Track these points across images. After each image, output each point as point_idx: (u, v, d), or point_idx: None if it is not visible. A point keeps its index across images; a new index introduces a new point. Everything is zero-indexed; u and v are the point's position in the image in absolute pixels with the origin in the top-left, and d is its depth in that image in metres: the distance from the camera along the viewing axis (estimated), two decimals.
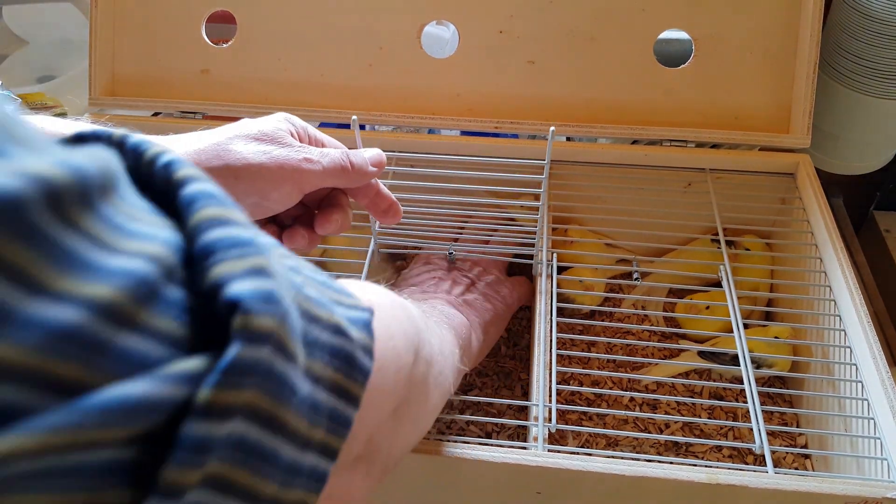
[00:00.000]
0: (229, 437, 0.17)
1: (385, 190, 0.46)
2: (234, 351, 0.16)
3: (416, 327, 0.32)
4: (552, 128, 0.48)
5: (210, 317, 0.17)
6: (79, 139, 0.20)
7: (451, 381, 0.40)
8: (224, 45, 0.69)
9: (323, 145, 0.44)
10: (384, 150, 0.66)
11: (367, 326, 0.24)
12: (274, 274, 0.18)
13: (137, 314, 0.15)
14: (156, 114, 0.72)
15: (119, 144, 0.20)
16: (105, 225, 0.15)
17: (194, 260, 0.17)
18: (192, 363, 0.16)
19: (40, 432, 0.13)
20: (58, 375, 0.13)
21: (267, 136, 0.40)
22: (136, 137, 0.20)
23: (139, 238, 0.16)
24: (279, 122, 0.42)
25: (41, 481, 0.13)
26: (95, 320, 0.14)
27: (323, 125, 0.71)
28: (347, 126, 0.69)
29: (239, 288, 0.17)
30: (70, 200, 0.14)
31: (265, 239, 0.19)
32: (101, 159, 0.16)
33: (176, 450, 0.15)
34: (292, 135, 0.42)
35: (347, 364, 0.22)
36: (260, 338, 0.17)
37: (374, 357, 0.24)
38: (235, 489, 0.17)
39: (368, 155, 0.44)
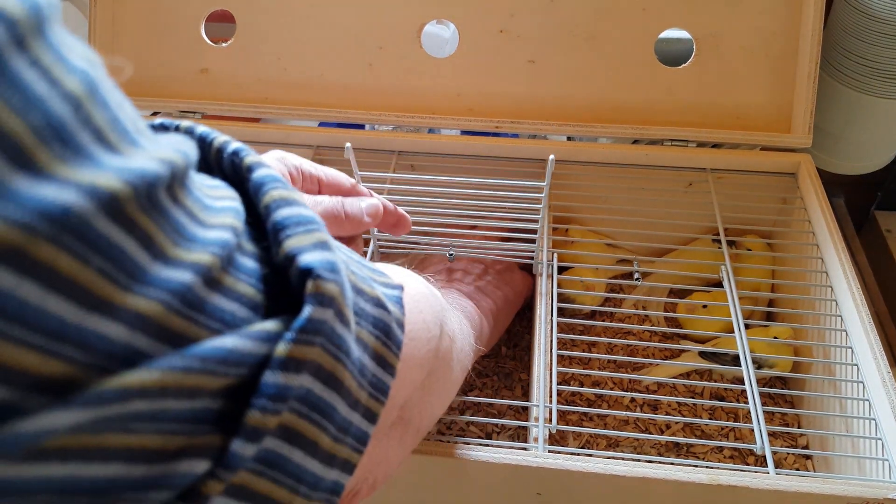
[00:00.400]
0: (300, 389, 0.19)
1: (391, 206, 0.46)
2: (307, 311, 0.18)
3: (441, 304, 0.34)
4: (551, 156, 0.48)
5: (279, 288, 0.19)
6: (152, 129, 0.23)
7: (470, 359, 0.41)
8: (224, 45, 0.69)
9: (320, 182, 0.42)
10: (383, 150, 0.67)
11: (399, 302, 0.26)
12: (333, 247, 0.20)
13: (224, 278, 0.17)
14: (155, 113, 0.72)
15: (187, 133, 0.23)
16: (194, 200, 0.17)
17: (268, 233, 0.20)
18: (270, 325, 0.18)
19: (158, 372, 0.15)
20: (171, 328, 0.15)
21: None
22: (202, 128, 0.23)
23: (218, 212, 0.18)
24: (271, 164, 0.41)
25: (151, 423, 0.15)
26: (199, 282, 0.16)
27: (323, 125, 0.71)
28: (348, 126, 0.69)
29: (310, 258, 0.19)
30: (177, 181, 0.16)
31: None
32: (190, 145, 0.18)
33: (258, 397, 0.17)
34: (284, 177, 0.40)
35: (385, 335, 0.24)
36: (327, 301, 0.19)
37: (405, 330, 0.26)
38: (300, 439, 0.20)
39: (364, 205, 0.42)
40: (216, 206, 0.19)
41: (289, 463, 0.19)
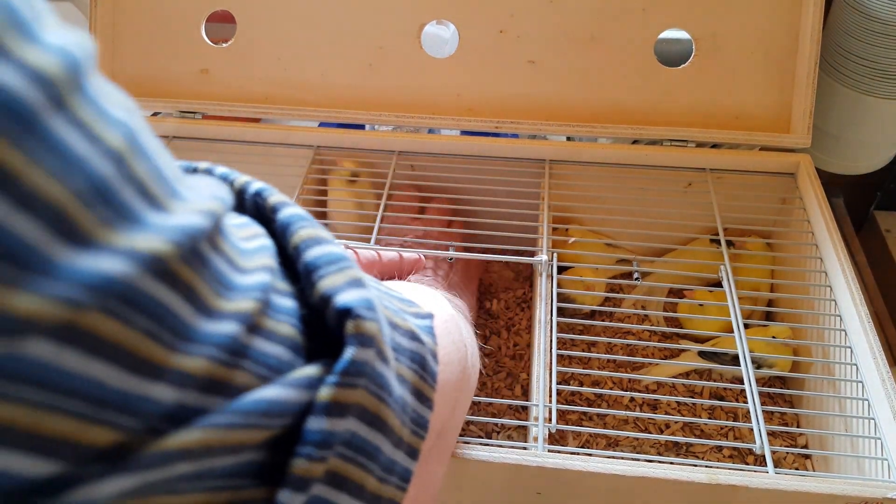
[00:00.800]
0: (345, 433, 0.18)
1: (406, 255, 0.46)
2: (349, 353, 0.18)
3: (457, 317, 0.33)
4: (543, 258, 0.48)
5: (317, 328, 0.19)
6: None
7: (479, 359, 0.41)
8: (224, 45, 0.69)
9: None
10: (383, 150, 0.67)
11: (430, 332, 0.26)
12: (367, 284, 0.20)
13: (265, 322, 0.17)
14: (155, 114, 0.72)
15: (206, 175, 0.23)
16: (230, 245, 0.17)
17: (300, 274, 0.20)
18: (311, 370, 0.17)
19: (200, 432, 0.15)
20: (218, 379, 0.15)
21: None
22: (221, 169, 0.23)
23: (253, 253, 0.18)
24: None
25: (196, 482, 0.15)
26: (243, 331, 0.16)
27: (323, 125, 0.71)
28: (348, 126, 0.69)
29: (347, 297, 0.19)
30: (217, 228, 0.16)
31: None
32: (224, 190, 0.18)
33: (303, 445, 0.17)
34: None
35: (422, 368, 0.24)
36: (367, 341, 0.18)
37: (439, 357, 0.26)
38: (347, 484, 0.19)
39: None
40: (250, 248, 0.18)
41: None
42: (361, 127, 0.70)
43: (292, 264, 0.20)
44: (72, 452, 0.13)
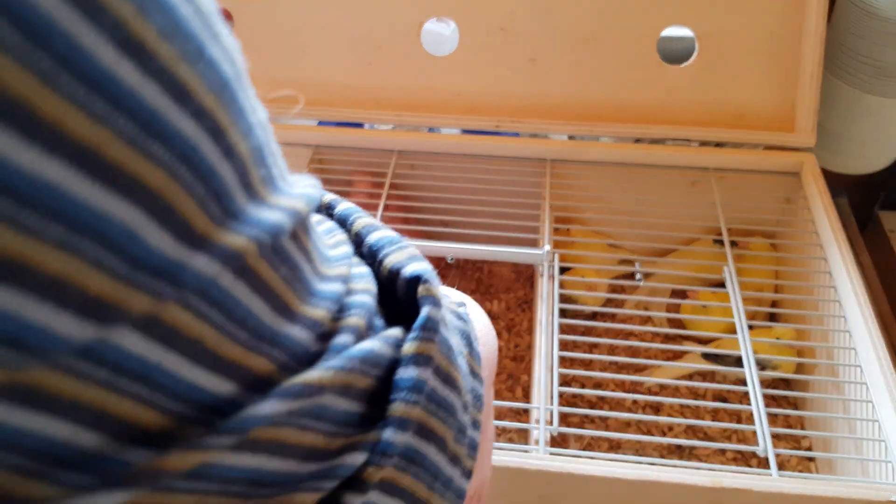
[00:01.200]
0: (428, 383, 0.20)
1: None
2: (426, 311, 0.20)
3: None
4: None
5: (384, 302, 0.21)
6: None
7: None
8: None
9: None
10: (384, 149, 0.66)
11: (468, 317, 0.28)
12: (424, 260, 0.23)
13: (353, 284, 0.20)
14: None
15: None
16: (314, 225, 0.19)
17: (365, 257, 0.23)
18: (396, 331, 0.20)
19: (331, 371, 0.17)
20: (330, 329, 0.18)
21: None
22: None
23: (329, 233, 0.21)
24: None
25: (318, 423, 0.17)
26: (344, 290, 0.19)
27: (322, 124, 0.71)
28: (347, 125, 0.69)
29: (414, 268, 0.21)
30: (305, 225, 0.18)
31: None
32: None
33: (397, 391, 0.19)
34: None
35: (469, 345, 0.26)
36: (438, 302, 0.21)
37: (478, 338, 0.28)
38: (433, 436, 0.21)
39: None
40: (324, 229, 0.21)
41: (425, 459, 0.21)
42: (361, 126, 0.70)
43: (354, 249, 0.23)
44: (241, 376, 0.15)
